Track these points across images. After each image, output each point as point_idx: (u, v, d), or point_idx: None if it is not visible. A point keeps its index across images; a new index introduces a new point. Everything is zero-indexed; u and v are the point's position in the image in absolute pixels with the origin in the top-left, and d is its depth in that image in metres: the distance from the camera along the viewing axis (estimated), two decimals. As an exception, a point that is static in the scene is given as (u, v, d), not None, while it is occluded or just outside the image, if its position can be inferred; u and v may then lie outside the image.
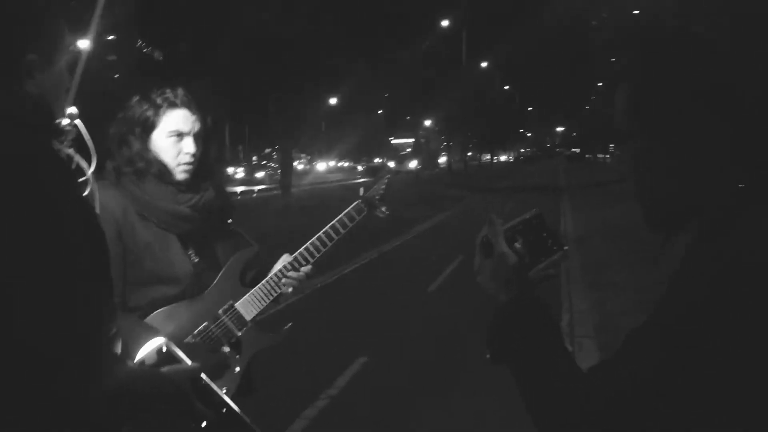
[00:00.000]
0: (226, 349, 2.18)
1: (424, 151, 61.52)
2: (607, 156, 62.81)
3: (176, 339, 2.02)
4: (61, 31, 1.34)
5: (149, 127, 2.12)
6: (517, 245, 1.27)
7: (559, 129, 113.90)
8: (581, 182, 37.42)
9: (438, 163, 62.31)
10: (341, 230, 2.32)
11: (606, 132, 46.62)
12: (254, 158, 59.09)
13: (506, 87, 79.93)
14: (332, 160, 64.96)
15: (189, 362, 1.60)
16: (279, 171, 26.38)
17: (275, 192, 25.91)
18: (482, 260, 1.27)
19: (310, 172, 56.78)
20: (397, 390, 5.35)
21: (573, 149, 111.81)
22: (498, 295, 1.23)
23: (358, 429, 4.68)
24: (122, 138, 2.14)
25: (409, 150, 70.08)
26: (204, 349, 2.13)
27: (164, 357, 1.59)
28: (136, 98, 2.15)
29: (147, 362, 1.60)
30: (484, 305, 1.35)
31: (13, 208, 1.11)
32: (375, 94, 39.54)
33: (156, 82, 2.18)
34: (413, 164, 57.92)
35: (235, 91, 21.95)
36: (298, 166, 55.55)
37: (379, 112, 49.28)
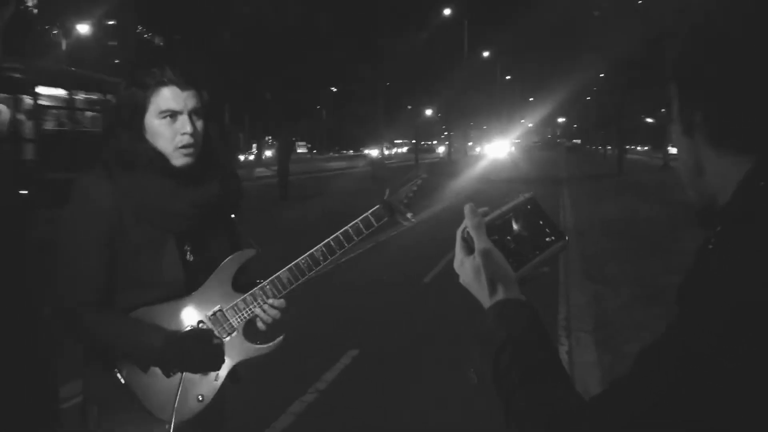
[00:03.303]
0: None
1: None
2: (608, 148, 62.56)
3: None
4: None
5: (139, 110, 1.94)
6: (508, 238, 1.08)
7: (561, 120, 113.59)
8: (581, 174, 37.28)
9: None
10: (354, 237, 2.10)
11: (605, 123, 46.35)
12: (254, 146, 58.99)
13: (508, 77, 79.74)
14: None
15: None
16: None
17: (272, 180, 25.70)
18: (463, 257, 1.09)
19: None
20: (387, 385, 5.23)
21: (574, 140, 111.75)
22: (482, 299, 1.05)
23: (347, 425, 4.55)
24: (109, 128, 1.98)
25: None
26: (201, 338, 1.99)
27: None
28: (122, 83, 1.97)
29: None
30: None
31: None
32: (375, 83, 39.30)
33: (146, 65, 1.99)
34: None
35: (231, 79, 21.76)
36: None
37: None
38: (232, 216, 2.17)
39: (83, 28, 32.86)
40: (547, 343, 0.99)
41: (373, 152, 52.97)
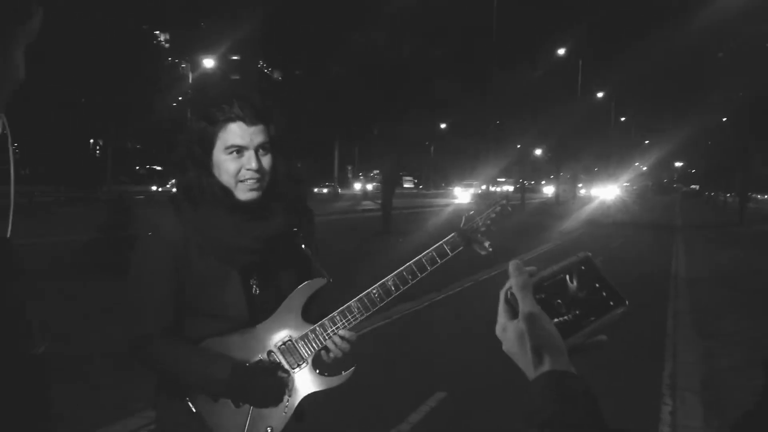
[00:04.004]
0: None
1: None
2: (728, 195, 59.20)
3: None
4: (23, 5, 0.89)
5: (207, 145, 1.97)
6: (559, 301, 0.96)
7: (678, 164, 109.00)
8: (698, 222, 35.49)
9: None
10: (428, 267, 2.05)
11: (726, 169, 43.85)
12: (361, 177, 60.24)
13: (622, 118, 77.49)
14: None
15: None
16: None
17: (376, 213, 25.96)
18: (506, 322, 0.97)
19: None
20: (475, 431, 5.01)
21: (692, 186, 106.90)
22: (525, 370, 0.92)
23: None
24: (180, 163, 2.02)
25: None
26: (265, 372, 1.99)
27: None
28: (192, 118, 2.03)
29: None
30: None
31: None
32: (485, 119, 39.12)
33: (222, 99, 2.02)
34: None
35: (341, 112, 22.28)
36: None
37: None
38: (303, 247, 2.14)
39: (209, 63, 34.95)
40: (598, 424, 0.85)
41: (461, 190, 53.01)
